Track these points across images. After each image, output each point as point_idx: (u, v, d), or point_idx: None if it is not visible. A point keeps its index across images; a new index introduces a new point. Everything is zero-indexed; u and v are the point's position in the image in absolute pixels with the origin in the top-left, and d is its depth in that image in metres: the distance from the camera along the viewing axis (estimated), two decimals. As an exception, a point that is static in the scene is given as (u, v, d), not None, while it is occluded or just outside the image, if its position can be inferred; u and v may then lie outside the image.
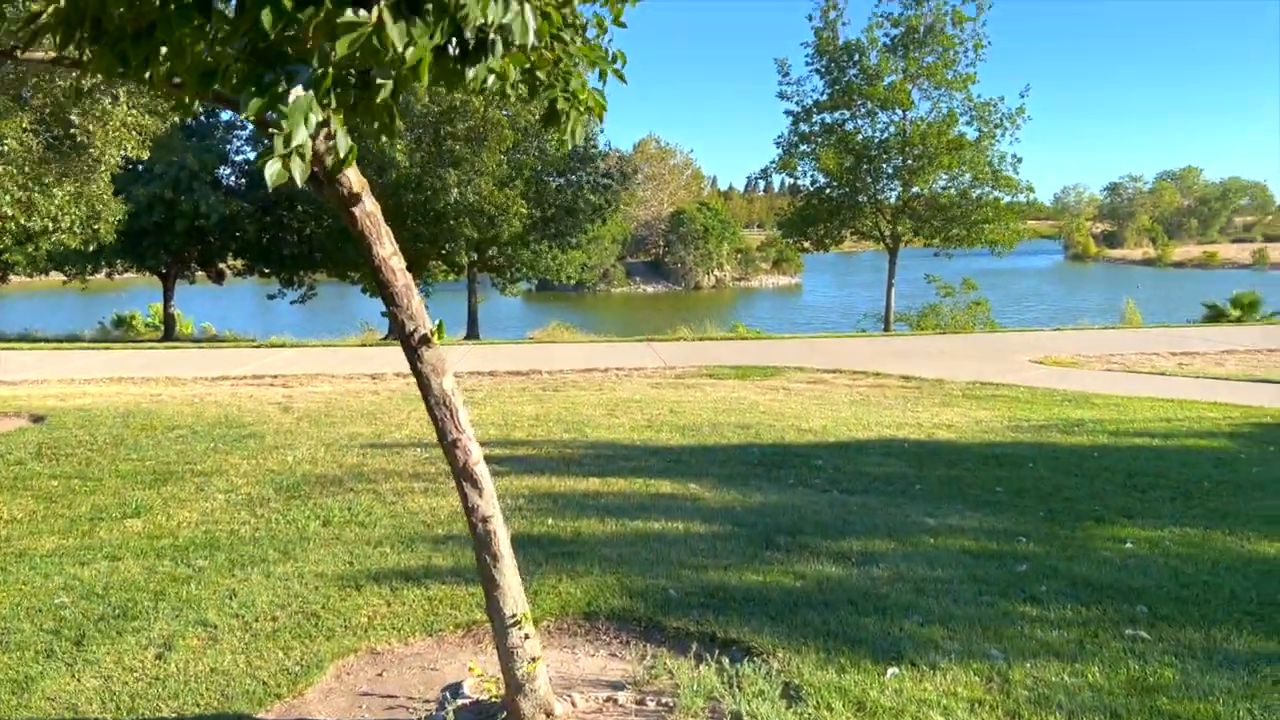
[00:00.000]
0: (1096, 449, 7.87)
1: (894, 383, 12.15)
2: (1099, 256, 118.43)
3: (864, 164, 23.12)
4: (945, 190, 23.04)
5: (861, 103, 22.56)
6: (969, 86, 22.01)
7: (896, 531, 5.59)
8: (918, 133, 22.10)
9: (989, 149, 22.36)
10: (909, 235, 24.17)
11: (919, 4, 21.61)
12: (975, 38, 21.77)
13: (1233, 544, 5.34)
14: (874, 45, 22.11)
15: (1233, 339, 16.40)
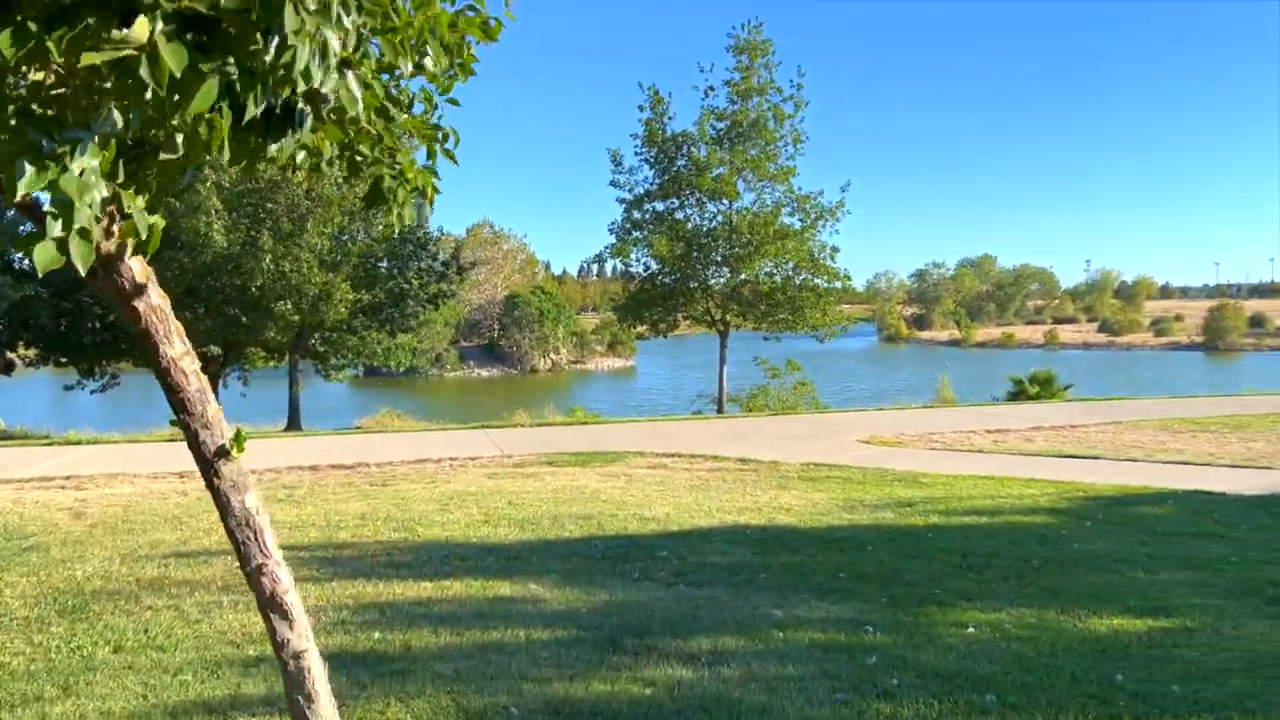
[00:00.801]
0: (930, 529, 8.03)
1: (732, 465, 12.19)
2: (910, 338, 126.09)
3: (694, 251, 23.69)
4: (770, 277, 23.86)
5: (690, 193, 23.23)
6: (790, 179, 23.11)
7: (745, 626, 5.42)
8: (744, 222, 22.89)
9: (811, 239, 23.39)
10: (738, 320, 24.82)
11: (743, 100, 22.62)
12: (795, 133, 22.97)
13: (1067, 623, 5.45)
14: (702, 138, 22.93)
15: (1038, 415, 17.47)
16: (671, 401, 46.38)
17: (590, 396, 55.57)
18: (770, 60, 22.60)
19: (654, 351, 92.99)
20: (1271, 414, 16.64)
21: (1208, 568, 6.61)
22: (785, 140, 23.02)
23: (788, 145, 23.05)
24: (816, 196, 23.31)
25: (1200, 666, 4.70)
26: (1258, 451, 12.62)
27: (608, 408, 42.86)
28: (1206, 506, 8.82)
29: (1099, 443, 13.79)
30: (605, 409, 39.41)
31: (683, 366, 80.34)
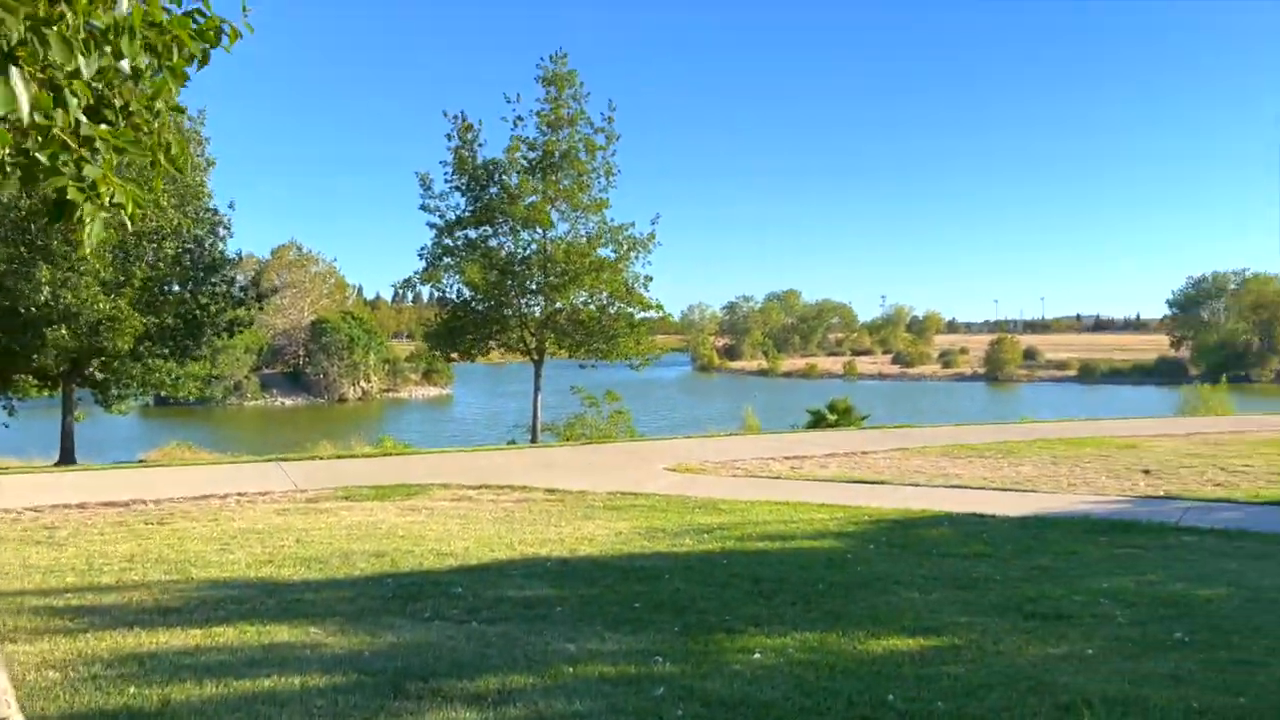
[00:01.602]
0: (725, 555, 8.19)
1: (539, 496, 12.07)
2: (722, 368, 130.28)
3: (509, 279, 23.56)
4: (586, 306, 24.04)
5: (504, 220, 23.13)
6: (603, 211, 23.45)
7: (536, 663, 5.31)
8: (560, 252, 22.98)
9: (625, 269, 23.75)
10: (554, 348, 24.83)
11: (554, 131, 22.78)
12: (607, 166, 23.35)
13: (847, 646, 5.64)
14: (514, 166, 22.90)
15: (834, 442, 18.31)
16: (487, 431, 45.78)
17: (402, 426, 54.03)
18: (579, 92, 22.91)
19: (473, 380, 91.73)
20: (1039, 440, 18.11)
21: (975, 587, 7.04)
22: (598, 172, 23.34)
23: (600, 177, 23.39)
24: (629, 228, 23.72)
25: (965, 683, 4.96)
26: (1024, 475, 13.67)
27: (419, 438, 41.81)
28: (977, 528, 9.44)
29: (886, 469, 14.58)
30: (417, 439, 38.39)
31: (502, 395, 79.55)
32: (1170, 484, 12.72)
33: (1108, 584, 7.05)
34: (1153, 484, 12.77)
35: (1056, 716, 4.49)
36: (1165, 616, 6.20)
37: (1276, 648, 5.52)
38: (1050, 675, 5.06)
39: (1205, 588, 6.97)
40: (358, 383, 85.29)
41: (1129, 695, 4.72)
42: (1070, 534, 9.15)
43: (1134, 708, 4.56)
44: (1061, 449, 16.66)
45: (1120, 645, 5.60)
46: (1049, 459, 15.41)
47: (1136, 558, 8.08)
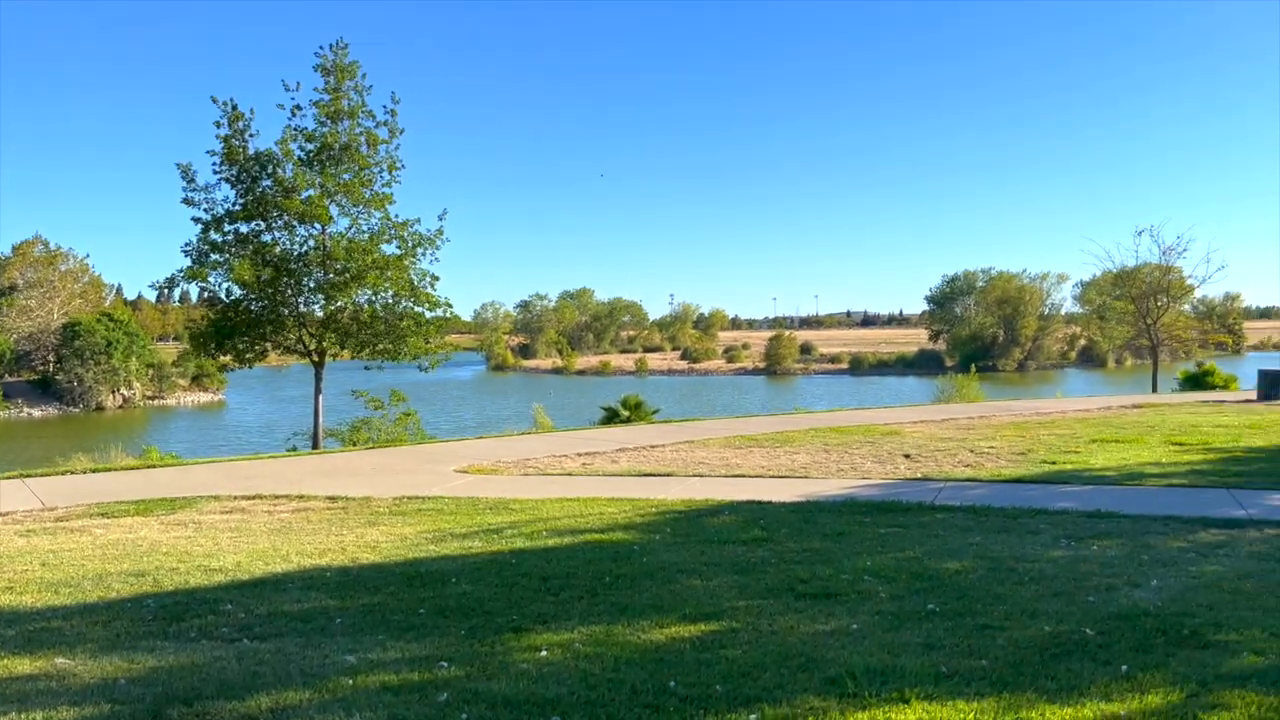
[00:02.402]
0: (514, 555, 8.15)
1: (320, 505, 11.56)
2: (516, 367, 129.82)
3: (285, 277, 22.38)
4: (370, 305, 23.21)
5: (278, 215, 21.95)
6: (387, 206, 22.70)
7: (313, 678, 5.08)
8: (340, 248, 22.06)
9: (410, 267, 23.10)
10: (336, 349, 23.82)
11: (333, 123, 21.86)
12: (390, 160, 22.63)
13: (631, 636, 5.75)
14: (289, 158, 21.77)
15: (625, 438, 18.64)
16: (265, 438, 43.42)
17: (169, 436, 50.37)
18: (360, 83, 22.10)
19: (248, 384, 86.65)
20: (812, 429, 19.17)
21: (753, 571, 7.36)
22: (381, 166, 22.60)
23: (383, 171, 22.65)
24: (414, 224, 23.11)
25: (741, 664, 5.17)
26: (799, 463, 14.43)
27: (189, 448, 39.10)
28: (756, 515, 9.87)
29: (673, 461, 14.99)
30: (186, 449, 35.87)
31: (282, 400, 75.71)
32: (927, 466, 13.80)
33: (871, 562, 7.56)
34: (912, 467, 13.81)
35: (824, 690, 4.77)
36: (920, 590, 6.71)
37: (1013, 613, 6.10)
38: (819, 651, 5.37)
39: (955, 561, 7.60)
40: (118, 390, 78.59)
41: (887, 665, 5.08)
42: (839, 516, 9.73)
43: (891, 676, 4.91)
44: (833, 437, 17.71)
45: (881, 619, 6.02)
46: (821, 447, 16.35)
47: (897, 536, 8.71)
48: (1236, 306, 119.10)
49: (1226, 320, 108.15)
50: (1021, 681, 4.83)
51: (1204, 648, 5.35)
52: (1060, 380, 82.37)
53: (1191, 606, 6.15)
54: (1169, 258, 48.13)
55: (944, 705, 4.51)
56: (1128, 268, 49.82)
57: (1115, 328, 72.98)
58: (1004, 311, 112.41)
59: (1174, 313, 51.55)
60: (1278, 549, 7.93)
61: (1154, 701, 4.53)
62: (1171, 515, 9.45)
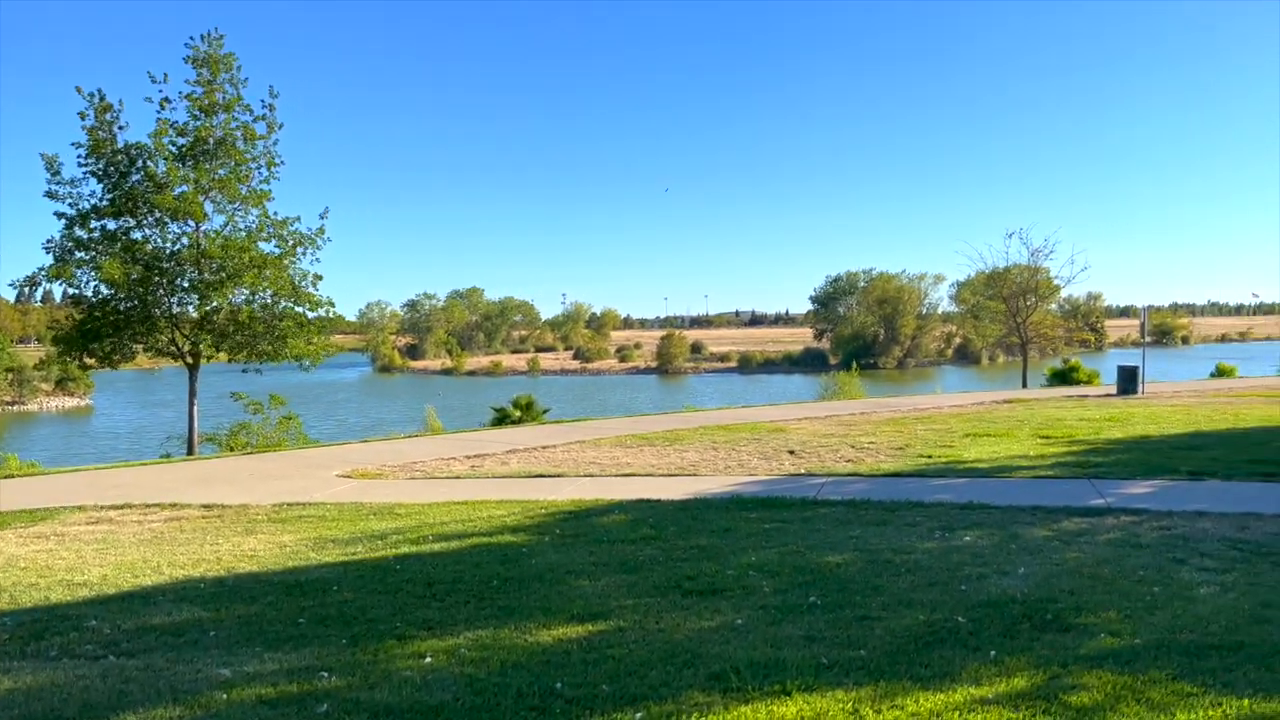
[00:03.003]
0: (399, 560, 7.99)
1: (194, 513, 11.11)
2: (404, 368, 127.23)
3: (156, 276, 21.35)
4: (248, 305, 22.37)
5: (149, 211, 20.92)
6: (265, 203, 21.91)
7: (184, 694, 4.88)
8: (215, 246, 21.19)
9: (290, 266, 22.36)
10: (211, 351, 22.86)
11: (207, 116, 20.97)
12: (269, 156, 21.84)
13: (518, 639, 5.72)
14: (161, 152, 20.78)
15: (515, 439, 18.50)
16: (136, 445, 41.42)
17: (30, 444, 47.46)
18: (236, 76, 21.26)
19: (118, 388, 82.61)
20: (701, 428, 19.42)
21: (641, 569, 7.40)
22: (258, 162, 21.81)
23: (261, 167, 21.86)
24: (294, 222, 22.38)
25: (627, 663, 5.20)
26: (688, 461, 14.60)
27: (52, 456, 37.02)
28: (645, 514, 9.93)
29: (564, 461, 14.96)
30: (49, 458, 33.96)
31: (155, 404, 72.32)
32: (811, 462, 14.14)
33: (756, 557, 7.71)
34: (796, 463, 14.12)
35: (709, 685, 4.84)
36: (802, 583, 6.88)
37: (890, 603, 6.31)
38: (704, 647, 5.44)
39: (836, 554, 7.81)
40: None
41: (770, 658, 5.19)
42: (726, 513, 9.88)
43: (774, 669, 5.02)
44: (721, 435, 17.97)
45: (765, 613, 6.14)
46: (710, 445, 16.57)
47: (781, 530, 8.90)
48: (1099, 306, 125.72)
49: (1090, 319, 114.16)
50: (897, 670, 5.00)
51: (1065, 631, 5.65)
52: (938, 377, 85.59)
53: (1055, 592, 6.48)
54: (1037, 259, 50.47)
55: (823, 696, 4.63)
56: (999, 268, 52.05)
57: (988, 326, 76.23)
58: (884, 311, 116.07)
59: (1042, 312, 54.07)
60: (1133, 535, 8.42)
61: (1019, 684, 4.75)
62: (1038, 505, 9.93)
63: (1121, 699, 4.51)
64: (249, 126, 21.52)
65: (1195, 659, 5.07)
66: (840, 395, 33.37)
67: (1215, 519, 9.08)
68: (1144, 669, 4.91)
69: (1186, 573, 6.98)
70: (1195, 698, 4.51)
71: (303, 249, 22.40)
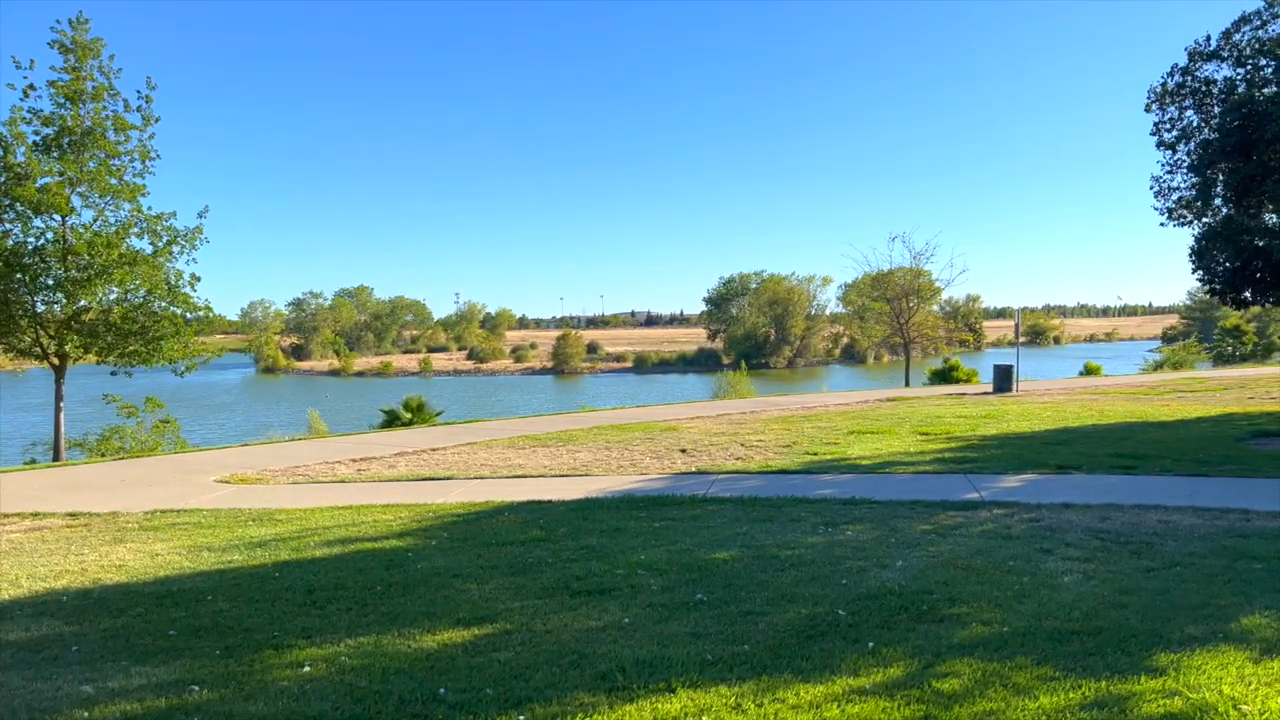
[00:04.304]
0: (278, 568, 7.74)
1: (58, 522, 10.53)
2: (289, 368, 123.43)
3: (17, 273, 20.13)
4: (120, 305, 21.30)
5: (9, 204, 19.70)
6: (139, 198, 20.88)
7: (42, 713, 4.63)
8: (83, 243, 20.11)
9: (165, 265, 21.40)
10: (79, 352, 21.69)
11: (74, 104, 19.86)
12: (143, 149, 20.82)
13: (401, 645, 5.60)
14: (20, 141, 19.59)
15: (404, 441, 18.15)
16: None
17: (-124, 451, 44.09)
18: (106, 65, 20.22)
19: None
20: (595, 428, 19.42)
21: (529, 571, 7.35)
22: (132, 155, 20.77)
23: (135, 161, 20.84)
24: (169, 219, 21.41)
25: (513, 666, 5.16)
26: (581, 461, 14.58)
27: (-99, 464, 34.49)
28: (536, 515, 9.87)
29: (455, 463, 14.75)
30: (-103, 465, 31.60)
31: (19, 409, 68.21)
32: (702, 460, 14.30)
33: (645, 556, 7.75)
34: (688, 461, 14.27)
35: (595, 685, 4.84)
36: (691, 580, 6.94)
37: (775, 598, 6.42)
38: (591, 647, 5.44)
39: (723, 551, 7.91)
40: None
41: (656, 656, 5.22)
42: (617, 513, 9.90)
43: (660, 667, 5.05)
44: (615, 435, 18.01)
45: (652, 611, 6.17)
46: (604, 444, 16.58)
47: (671, 529, 8.96)
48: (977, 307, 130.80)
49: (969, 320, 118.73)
50: (779, 663, 5.10)
51: (939, 621, 5.85)
52: (826, 376, 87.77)
53: (930, 584, 6.71)
54: (919, 262, 52.36)
55: (707, 692, 4.69)
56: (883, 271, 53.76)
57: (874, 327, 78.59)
58: (775, 312, 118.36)
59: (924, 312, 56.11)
60: (1004, 527, 8.80)
61: (895, 673, 4.91)
62: (917, 500, 10.28)
63: (989, 684, 4.71)
64: (120, 116, 20.48)
65: (1059, 644, 5.33)
66: (732, 394, 33.88)
67: (1079, 510, 9.56)
68: (1011, 655, 5.13)
69: (1052, 562, 7.32)
70: (1057, 681, 4.74)
71: (179, 247, 21.45)
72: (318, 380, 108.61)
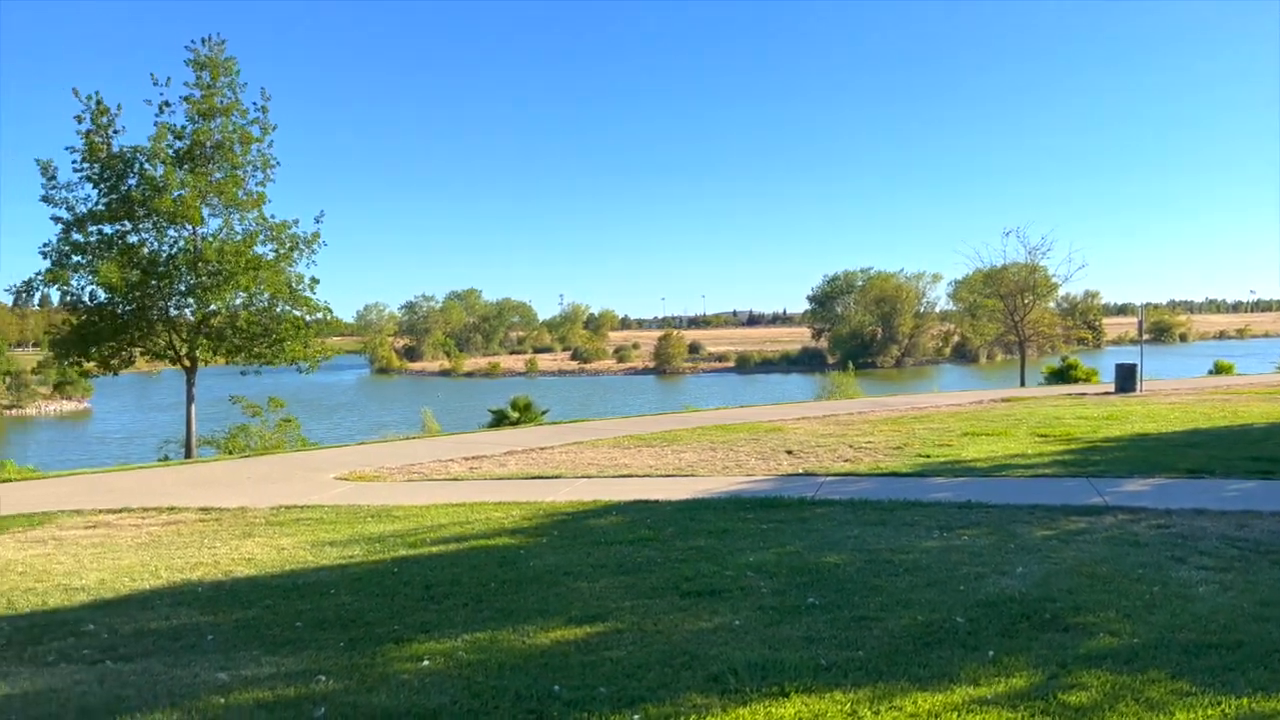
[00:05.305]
0: (397, 563, 7.98)
1: (191, 516, 11.09)
2: (402, 369, 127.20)
3: (153, 280, 21.36)
4: (245, 309, 22.39)
5: (147, 215, 20.92)
6: (261, 206, 21.92)
7: (182, 698, 4.87)
8: (212, 250, 21.19)
9: (287, 270, 22.38)
10: (208, 354, 22.89)
11: (205, 120, 20.96)
12: (264, 159, 21.85)
13: (516, 641, 5.71)
14: (158, 156, 20.78)
15: (513, 440, 18.48)
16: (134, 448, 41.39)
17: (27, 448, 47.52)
18: (235, 80, 21.26)
19: (117, 391, 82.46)
20: (699, 428, 19.41)
21: (639, 571, 7.39)
22: (254, 165, 21.81)
23: (256, 170, 21.87)
24: (291, 225, 22.38)
25: (626, 665, 5.19)
26: (686, 462, 14.58)
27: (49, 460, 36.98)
28: (644, 515, 9.92)
29: (562, 462, 14.95)
30: (46, 462, 33.93)
31: (153, 408, 72.33)
32: (809, 462, 14.13)
33: (754, 558, 7.69)
34: (794, 463, 14.11)
35: (707, 686, 4.83)
36: (801, 584, 6.86)
37: (889, 603, 6.30)
38: (702, 649, 5.43)
39: (834, 554, 7.80)
40: (-31, 400, 73.80)
41: (768, 659, 5.18)
42: (724, 514, 9.87)
43: (772, 670, 5.01)
44: (719, 435, 17.96)
45: (763, 614, 6.13)
46: (708, 445, 16.55)
47: (779, 531, 8.88)
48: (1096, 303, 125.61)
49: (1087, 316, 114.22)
50: (896, 670, 5.00)
51: (1064, 630, 5.64)
52: (935, 375, 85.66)
53: (1053, 591, 6.47)
54: (1034, 257, 50.58)
55: (821, 697, 4.63)
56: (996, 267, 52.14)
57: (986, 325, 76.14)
58: (882, 310, 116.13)
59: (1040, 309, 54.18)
60: (1131, 534, 8.42)
61: (1018, 684, 4.75)
62: (1036, 504, 9.92)
63: (1120, 698, 4.51)
64: (245, 130, 21.51)
65: (1194, 658, 5.07)
66: (838, 395, 33.39)
67: (1214, 517, 9.08)
68: (1143, 668, 4.91)
69: (1185, 571, 6.97)
70: (1194, 696, 4.51)
71: (299, 252, 22.41)
72: (429, 380, 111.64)
